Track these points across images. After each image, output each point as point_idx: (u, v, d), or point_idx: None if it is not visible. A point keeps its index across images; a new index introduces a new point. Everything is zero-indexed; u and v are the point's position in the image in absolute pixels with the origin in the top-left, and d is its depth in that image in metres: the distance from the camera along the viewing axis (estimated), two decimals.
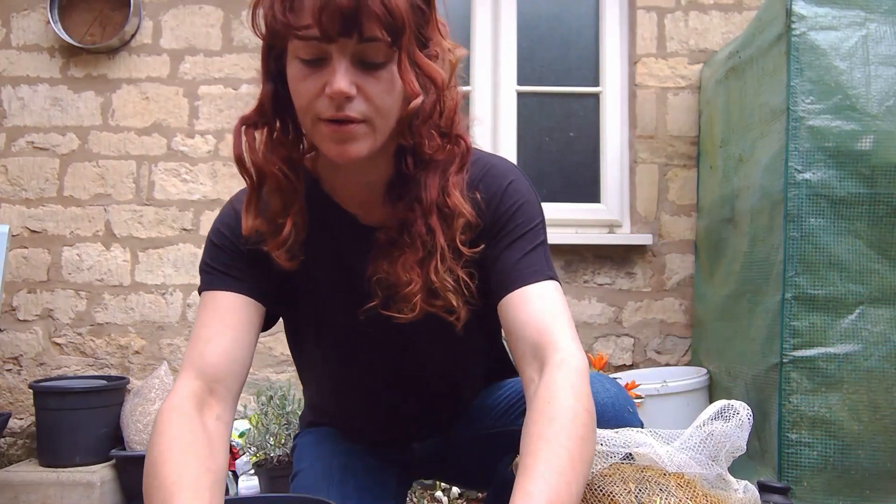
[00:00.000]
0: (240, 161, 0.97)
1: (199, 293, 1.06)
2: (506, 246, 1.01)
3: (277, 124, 0.97)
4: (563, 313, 0.95)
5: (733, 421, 0.85)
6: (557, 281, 1.00)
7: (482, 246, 1.00)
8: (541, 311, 0.95)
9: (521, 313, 0.95)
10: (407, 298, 0.97)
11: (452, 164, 0.99)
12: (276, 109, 0.96)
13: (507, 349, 1.26)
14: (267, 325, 1.10)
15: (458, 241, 0.98)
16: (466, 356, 1.19)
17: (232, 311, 1.01)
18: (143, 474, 0.86)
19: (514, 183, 1.04)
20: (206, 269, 1.06)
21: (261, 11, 0.91)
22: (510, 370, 1.30)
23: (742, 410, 0.87)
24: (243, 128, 0.97)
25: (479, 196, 1.01)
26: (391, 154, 1.01)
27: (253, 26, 0.93)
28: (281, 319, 1.20)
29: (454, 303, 0.98)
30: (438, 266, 0.97)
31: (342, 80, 0.86)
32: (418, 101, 0.92)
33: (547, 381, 0.87)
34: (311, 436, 1.28)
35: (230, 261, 1.04)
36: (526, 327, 0.94)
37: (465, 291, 0.98)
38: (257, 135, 0.97)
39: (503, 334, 1.04)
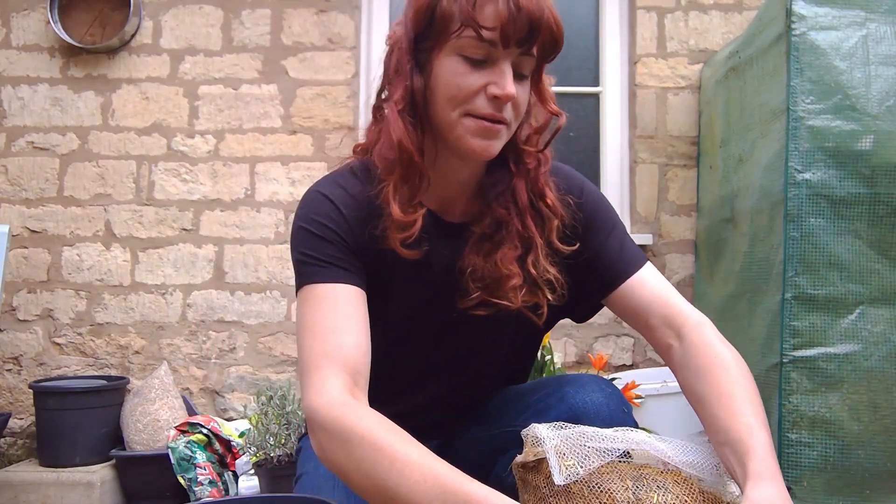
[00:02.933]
0: (401, 146, 0.99)
1: (304, 284, 1.02)
2: (603, 240, 1.11)
3: (418, 115, 1.01)
4: (671, 286, 1.11)
5: None
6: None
7: (577, 245, 1.08)
8: (659, 289, 1.09)
9: (643, 295, 1.08)
10: (509, 290, 1.03)
11: (540, 168, 1.08)
12: (422, 102, 1.00)
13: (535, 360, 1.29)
14: None
15: (552, 238, 1.06)
16: (504, 361, 1.22)
17: (353, 303, 1.00)
18: (353, 459, 0.85)
19: (585, 182, 1.16)
20: (311, 260, 1.02)
21: (420, 2, 0.97)
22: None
23: None
24: (399, 114, 1.00)
25: (570, 199, 1.10)
26: None
27: (410, 15, 0.98)
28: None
29: (550, 297, 1.05)
30: (538, 260, 1.04)
31: (511, 85, 0.95)
32: (563, 119, 1.05)
33: (699, 338, 1.01)
34: None
35: (339, 252, 1.02)
36: (652, 305, 1.07)
37: (558, 287, 1.06)
38: (406, 124, 1.00)
39: (627, 318, 1.14)
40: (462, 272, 1.05)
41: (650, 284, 1.09)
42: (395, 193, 1.00)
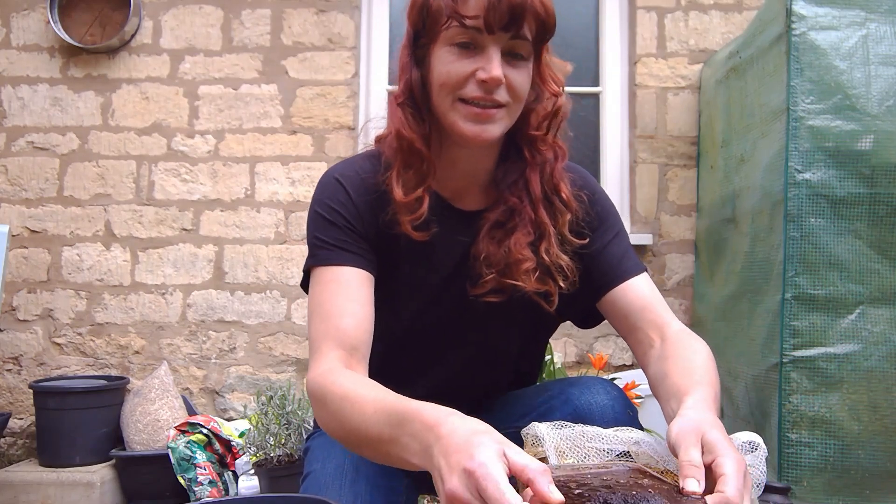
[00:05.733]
0: (399, 135, 1.06)
1: (312, 268, 1.08)
2: (608, 241, 1.15)
3: (420, 106, 1.07)
4: (664, 300, 1.14)
5: (759, 453, 0.83)
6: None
7: (587, 239, 1.12)
8: (651, 297, 1.11)
9: (635, 300, 1.10)
10: (522, 273, 1.06)
11: (556, 163, 1.11)
12: (420, 93, 1.06)
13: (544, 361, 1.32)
14: None
15: (564, 230, 1.10)
16: (512, 361, 1.23)
17: (355, 285, 1.05)
18: (330, 413, 0.93)
19: (599, 186, 1.21)
20: (320, 244, 1.08)
21: (415, 0, 1.03)
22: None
23: (761, 444, 0.86)
24: (397, 106, 1.07)
25: (584, 195, 1.13)
26: (499, 145, 1.12)
27: (408, 14, 1.05)
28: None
29: (561, 284, 1.08)
30: (551, 248, 1.08)
31: (497, 68, 0.98)
32: (563, 99, 1.08)
33: (677, 335, 1.05)
34: (323, 437, 1.28)
35: (345, 236, 1.08)
36: (644, 311, 1.09)
37: (570, 274, 1.09)
38: (407, 113, 1.07)
39: (614, 321, 1.15)
40: (475, 258, 1.09)
41: (644, 292, 1.11)
42: (398, 179, 1.06)
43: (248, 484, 2.52)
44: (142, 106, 3.07)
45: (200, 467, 2.55)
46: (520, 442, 0.91)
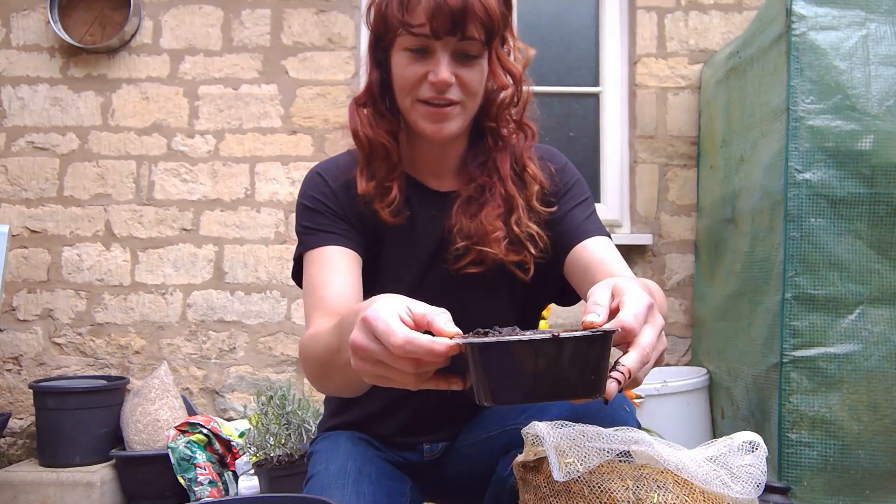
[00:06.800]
0: (355, 134, 1.16)
1: (301, 256, 1.17)
2: (572, 207, 1.21)
3: (381, 104, 1.16)
4: (622, 258, 1.16)
5: (759, 453, 0.83)
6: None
7: (555, 207, 1.18)
8: (610, 255, 1.15)
9: (596, 256, 1.14)
10: (493, 242, 1.12)
11: (523, 144, 1.20)
12: (381, 92, 1.16)
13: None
14: None
15: (533, 202, 1.16)
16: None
17: (335, 260, 1.13)
18: (305, 356, 1.02)
19: (568, 162, 1.27)
20: (304, 231, 1.17)
21: (373, 9, 1.12)
22: None
23: (761, 444, 0.85)
24: (356, 107, 1.17)
25: (550, 167, 1.21)
26: (468, 132, 1.19)
27: (366, 20, 1.15)
28: None
29: (532, 251, 1.14)
30: (521, 218, 1.15)
31: (445, 71, 1.06)
32: (508, 91, 1.14)
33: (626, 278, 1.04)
34: (326, 441, 1.29)
35: (326, 220, 1.16)
36: (604, 265, 1.12)
37: (540, 243, 1.15)
38: (366, 112, 1.16)
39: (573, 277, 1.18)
40: (450, 231, 1.15)
41: (605, 251, 1.15)
42: (362, 172, 1.16)
43: (248, 484, 2.52)
44: (142, 106, 3.07)
45: (200, 467, 2.55)
46: (521, 442, 0.91)
